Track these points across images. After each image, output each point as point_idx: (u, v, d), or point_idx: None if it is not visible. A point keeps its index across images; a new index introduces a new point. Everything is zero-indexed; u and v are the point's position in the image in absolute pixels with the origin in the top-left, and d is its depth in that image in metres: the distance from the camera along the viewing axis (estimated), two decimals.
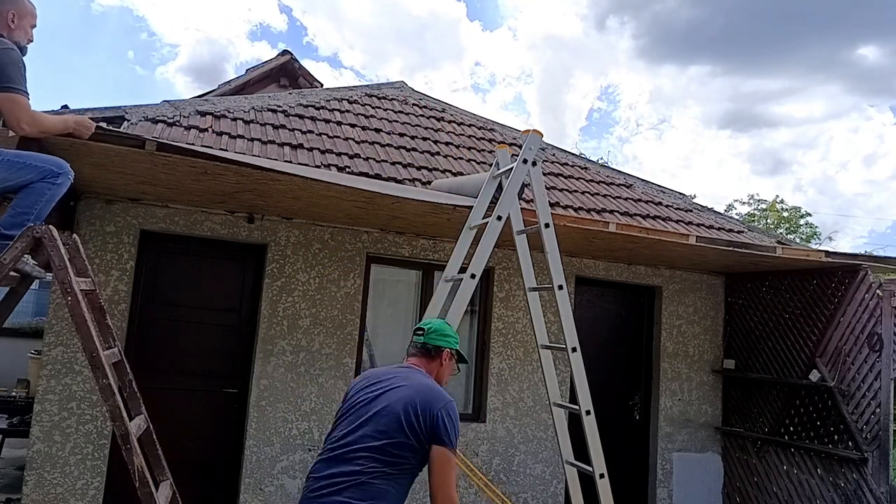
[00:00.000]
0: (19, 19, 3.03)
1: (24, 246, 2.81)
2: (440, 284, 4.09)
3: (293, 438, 5.46)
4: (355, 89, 7.66)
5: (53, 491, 4.86)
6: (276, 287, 5.54)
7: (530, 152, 3.94)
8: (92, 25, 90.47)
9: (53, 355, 4.95)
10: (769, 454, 6.49)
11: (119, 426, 2.78)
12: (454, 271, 4.06)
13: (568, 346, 4.03)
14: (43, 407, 4.90)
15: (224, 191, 4.60)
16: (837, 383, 5.89)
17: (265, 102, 6.39)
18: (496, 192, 4.19)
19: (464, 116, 7.83)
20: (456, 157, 6.45)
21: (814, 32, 58.50)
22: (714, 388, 7.01)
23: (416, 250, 5.99)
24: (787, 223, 22.08)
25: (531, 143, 3.94)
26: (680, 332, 6.83)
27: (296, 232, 5.64)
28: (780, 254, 5.67)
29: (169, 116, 5.38)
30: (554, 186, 6.36)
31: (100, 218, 5.13)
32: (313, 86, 9.88)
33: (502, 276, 6.28)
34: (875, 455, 5.59)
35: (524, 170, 3.92)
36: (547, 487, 6.24)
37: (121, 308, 5.13)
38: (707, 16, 61.49)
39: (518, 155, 4.03)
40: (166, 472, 3.33)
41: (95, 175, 4.23)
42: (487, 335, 6.23)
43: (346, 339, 5.71)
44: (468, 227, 4.14)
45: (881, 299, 5.71)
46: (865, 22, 54.63)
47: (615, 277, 6.75)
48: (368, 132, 6.36)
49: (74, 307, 2.80)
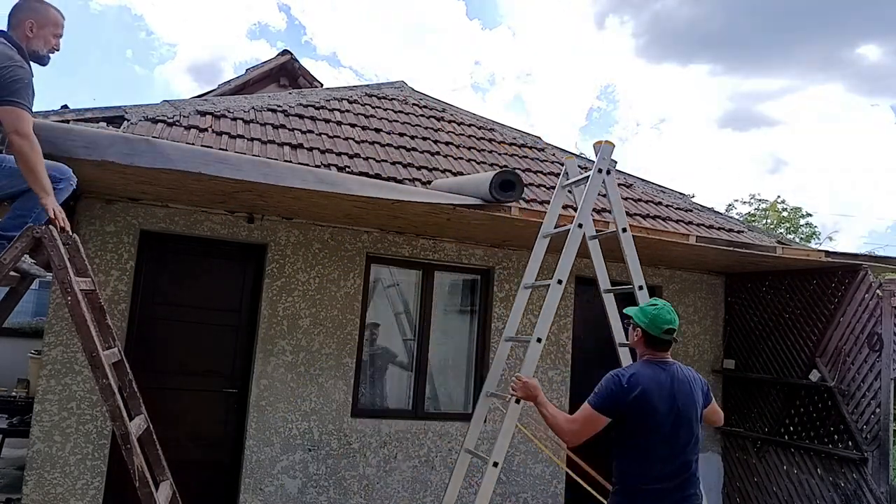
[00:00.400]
0: (38, 28, 2.98)
1: (24, 246, 2.81)
2: (520, 291, 4.35)
3: (293, 438, 5.46)
4: (355, 89, 7.65)
5: (53, 491, 4.86)
6: (276, 287, 5.54)
7: (604, 162, 4.13)
8: (90, 24, 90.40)
9: (53, 355, 4.95)
10: (769, 454, 6.49)
11: (119, 426, 2.78)
12: (531, 279, 4.31)
13: (621, 341, 4.37)
14: (43, 407, 4.90)
15: (224, 191, 4.60)
16: (837, 383, 5.89)
17: (265, 102, 6.39)
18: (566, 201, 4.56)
19: (464, 116, 7.83)
20: (456, 157, 6.45)
21: (814, 31, 58.48)
22: (714, 388, 7.01)
23: (416, 250, 5.99)
24: (787, 223, 22.07)
25: (604, 153, 4.13)
26: (680, 332, 6.80)
27: (296, 232, 5.64)
28: (781, 254, 5.67)
29: (169, 116, 5.38)
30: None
31: (100, 218, 5.13)
32: (313, 85, 9.87)
33: (502, 275, 6.28)
34: (875, 455, 5.59)
35: (600, 179, 4.12)
36: (547, 487, 6.24)
37: (121, 308, 5.13)
38: (707, 14, 61.54)
39: (586, 165, 4.24)
40: (166, 472, 3.33)
41: (95, 175, 4.23)
42: (487, 335, 6.23)
43: (346, 339, 5.71)
44: (542, 236, 4.38)
45: (881, 299, 5.71)
46: (865, 20, 54.60)
47: (615, 277, 6.72)
48: (368, 132, 6.36)
49: (74, 307, 2.80)
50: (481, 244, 6.20)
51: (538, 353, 3.87)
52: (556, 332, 6.46)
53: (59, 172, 3.05)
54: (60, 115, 4.85)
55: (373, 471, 5.67)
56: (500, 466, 3.76)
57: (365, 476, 5.65)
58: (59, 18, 3.08)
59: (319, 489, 5.49)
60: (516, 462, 6.15)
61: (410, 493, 5.78)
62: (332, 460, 5.56)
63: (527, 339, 3.90)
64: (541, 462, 6.23)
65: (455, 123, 7.47)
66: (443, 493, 5.85)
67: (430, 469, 5.85)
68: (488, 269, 6.30)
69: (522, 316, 4.42)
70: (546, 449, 5.47)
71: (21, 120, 2.78)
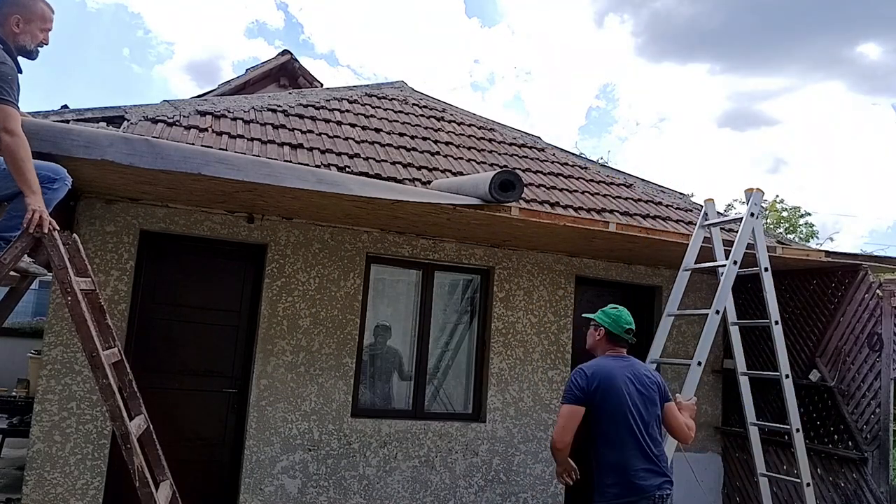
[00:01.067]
0: (25, 23, 2.94)
1: (24, 246, 2.81)
2: (663, 319, 4.92)
3: (293, 438, 5.46)
4: (355, 89, 7.65)
5: (53, 491, 4.86)
6: (276, 287, 5.54)
7: (756, 207, 4.74)
8: (87, 23, 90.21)
9: (53, 355, 4.95)
10: (769, 454, 6.49)
11: (119, 426, 2.78)
12: (674, 308, 4.91)
13: (782, 373, 4.86)
14: (43, 407, 4.90)
15: (224, 190, 4.60)
16: (837, 383, 5.89)
17: (265, 102, 6.39)
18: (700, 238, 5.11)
19: (464, 116, 7.83)
20: (456, 157, 6.45)
21: (814, 29, 58.40)
22: (714, 388, 7.02)
23: (416, 250, 5.99)
24: (786, 223, 22.07)
25: (755, 199, 4.74)
26: (680, 331, 6.83)
27: (296, 232, 5.64)
28: (781, 254, 5.67)
29: (169, 116, 5.38)
30: (554, 186, 6.36)
31: (100, 218, 5.13)
32: (313, 85, 9.88)
33: (502, 275, 6.28)
34: (875, 455, 5.59)
35: (752, 222, 4.67)
36: (547, 487, 6.24)
37: (121, 308, 5.13)
38: (707, 12, 61.46)
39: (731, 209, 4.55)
40: (166, 471, 3.33)
41: (95, 175, 4.23)
42: (487, 335, 6.23)
43: (346, 339, 5.71)
44: (683, 269, 5.00)
45: (881, 299, 5.71)
46: (865, 18, 54.55)
47: (615, 277, 6.75)
48: (368, 132, 6.36)
49: (74, 307, 2.80)
50: (481, 244, 6.20)
51: (698, 376, 4.32)
52: (556, 333, 6.46)
53: (53, 173, 3.04)
54: (60, 115, 4.86)
55: (373, 471, 5.67)
56: None
57: (365, 476, 5.65)
58: (46, 12, 3.03)
59: (319, 489, 5.50)
60: (516, 462, 6.15)
61: (410, 493, 5.78)
62: (332, 460, 5.56)
63: (687, 362, 4.42)
64: (541, 462, 6.23)
65: (455, 123, 7.47)
66: (443, 493, 5.86)
67: (430, 469, 5.86)
68: (488, 268, 6.30)
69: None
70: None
71: (9, 117, 2.77)
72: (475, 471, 6.00)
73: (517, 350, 6.29)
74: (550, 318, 6.45)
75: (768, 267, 4.67)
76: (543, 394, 6.34)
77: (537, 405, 6.28)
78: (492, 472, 6.06)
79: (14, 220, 2.90)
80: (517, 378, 6.25)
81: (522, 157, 7.02)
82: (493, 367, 6.18)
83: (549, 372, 6.38)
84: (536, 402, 6.28)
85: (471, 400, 6.23)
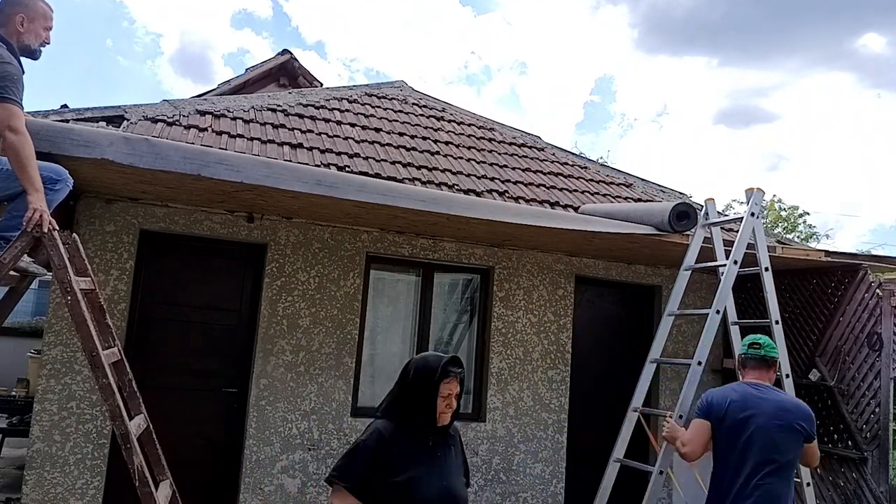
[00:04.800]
0: (29, 22, 2.98)
1: (24, 245, 2.81)
2: (664, 319, 4.89)
3: (293, 438, 5.46)
4: (355, 89, 7.66)
5: (53, 490, 4.86)
6: (275, 286, 5.54)
7: (756, 206, 4.71)
8: (71, 14, 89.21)
9: (53, 355, 4.95)
10: None
11: (119, 426, 2.78)
12: (674, 307, 4.90)
13: (783, 373, 4.61)
14: (43, 406, 4.90)
15: (224, 190, 4.60)
16: (837, 383, 5.89)
17: (265, 102, 6.39)
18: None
19: (464, 116, 7.83)
20: (456, 156, 6.45)
21: (815, 20, 57.72)
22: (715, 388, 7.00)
23: (416, 250, 5.99)
24: (785, 222, 22.09)
25: (756, 199, 4.71)
26: (680, 331, 6.83)
27: (295, 231, 5.64)
28: (781, 253, 5.67)
29: (168, 116, 5.38)
30: (554, 186, 6.37)
31: (99, 217, 5.13)
32: (313, 85, 9.89)
33: (502, 275, 6.28)
34: (875, 454, 5.59)
35: (752, 222, 4.66)
36: (547, 487, 6.24)
37: (121, 308, 5.13)
38: (706, 4, 61.18)
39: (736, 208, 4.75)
40: (166, 471, 3.33)
41: (95, 174, 4.23)
42: (487, 335, 6.23)
43: (346, 339, 5.71)
44: (684, 269, 4.98)
45: (881, 299, 5.72)
46: (867, 9, 54.01)
47: (615, 277, 6.75)
48: (368, 131, 6.36)
49: (74, 307, 2.80)
50: (481, 243, 6.20)
51: (698, 375, 4.31)
52: (556, 332, 6.46)
53: (55, 174, 3.04)
54: (60, 115, 4.86)
55: None
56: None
57: None
58: (48, 11, 3.07)
59: (319, 489, 5.49)
60: (516, 462, 6.15)
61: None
62: (332, 460, 5.56)
63: (687, 362, 4.39)
64: (541, 462, 6.24)
65: (455, 123, 7.48)
66: None
67: None
68: (488, 268, 6.30)
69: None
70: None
71: (14, 116, 2.79)
72: (475, 470, 6.00)
73: (517, 350, 6.29)
74: (550, 317, 6.45)
75: (769, 267, 4.67)
76: (543, 393, 6.34)
77: (537, 405, 6.28)
78: (491, 471, 6.06)
79: (15, 220, 2.90)
80: (517, 378, 6.25)
81: (522, 157, 7.03)
82: (493, 367, 6.18)
83: (548, 371, 6.38)
84: (536, 402, 6.28)
85: (471, 400, 6.22)
